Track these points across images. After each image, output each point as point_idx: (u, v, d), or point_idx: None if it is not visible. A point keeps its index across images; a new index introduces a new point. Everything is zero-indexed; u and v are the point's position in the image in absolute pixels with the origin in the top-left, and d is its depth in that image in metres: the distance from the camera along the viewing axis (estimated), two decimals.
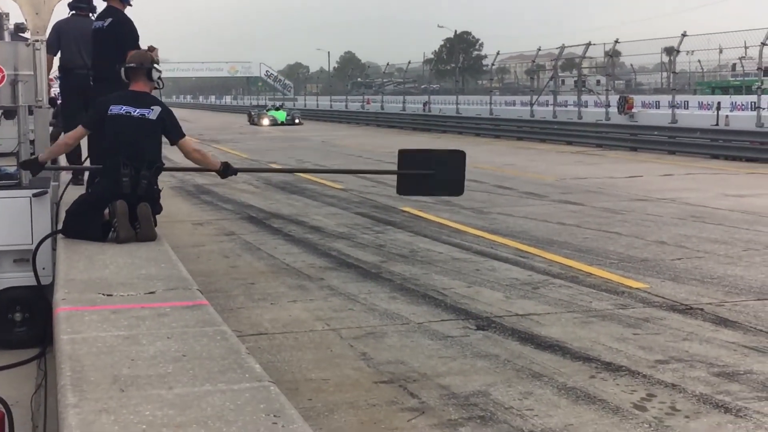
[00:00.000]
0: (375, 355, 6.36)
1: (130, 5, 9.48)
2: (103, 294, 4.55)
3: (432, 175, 6.19)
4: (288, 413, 2.89)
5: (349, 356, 6.37)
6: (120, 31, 9.13)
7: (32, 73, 7.87)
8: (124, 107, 6.49)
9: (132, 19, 9.35)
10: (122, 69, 6.82)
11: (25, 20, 8.93)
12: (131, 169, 6.25)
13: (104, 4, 9.36)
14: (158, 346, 3.63)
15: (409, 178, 6.30)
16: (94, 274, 5.09)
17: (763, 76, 27.39)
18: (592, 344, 6.54)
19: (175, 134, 6.72)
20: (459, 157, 6.51)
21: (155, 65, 6.80)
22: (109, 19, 9.22)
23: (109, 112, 6.47)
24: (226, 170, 6.92)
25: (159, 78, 6.89)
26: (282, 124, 49.42)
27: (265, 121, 49.90)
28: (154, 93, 6.97)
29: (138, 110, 6.49)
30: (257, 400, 2.99)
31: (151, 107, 6.53)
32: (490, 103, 41.00)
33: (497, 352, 6.38)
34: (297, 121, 50.69)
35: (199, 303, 4.39)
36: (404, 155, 6.66)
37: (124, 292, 4.59)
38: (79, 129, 6.89)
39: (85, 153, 8.71)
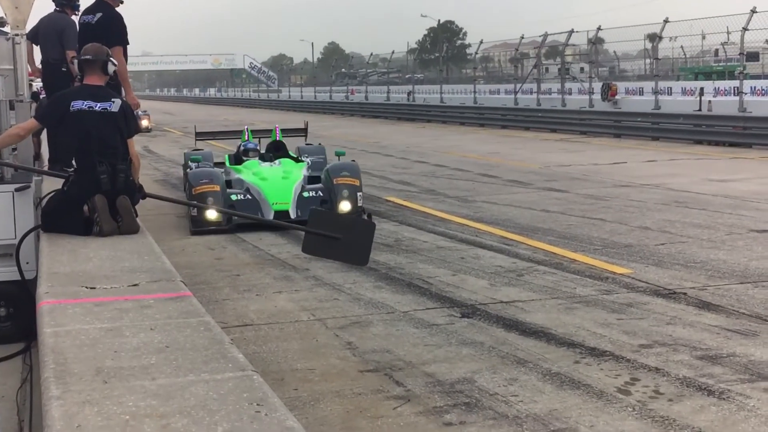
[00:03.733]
0: (360, 344, 6.38)
1: (122, 2, 9.43)
2: (87, 287, 4.55)
3: (339, 239, 6.16)
4: (271, 402, 2.90)
5: (334, 346, 6.38)
6: (110, 27, 9.09)
7: (12, 67, 7.84)
8: (86, 102, 6.44)
9: (123, 16, 9.30)
10: (76, 62, 6.79)
11: (5, 14, 8.90)
12: (107, 165, 6.23)
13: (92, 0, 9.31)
14: (141, 337, 3.63)
15: (316, 238, 6.27)
16: (77, 267, 5.09)
17: (746, 61, 27.48)
18: (576, 330, 6.57)
19: (133, 129, 6.69)
20: (369, 227, 6.49)
21: (110, 59, 6.76)
22: (99, 14, 9.17)
23: (70, 108, 6.41)
24: (139, 191, 6.67)
25: (114, 71, 6.85)
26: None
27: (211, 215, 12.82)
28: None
29: (99, 104, 6.44)
30: (240, 390, 3.00)
31: (112, 100, 6.50)
32: (475, 92, 40.98)
33: (482, 340, 6.40)
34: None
35: (183, 294, 4.39)
36: (315, 213, 6.63)
37: (107, 285, 4.59)
38: (32, 121, 6.89)
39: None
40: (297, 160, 13.70)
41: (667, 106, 27.82)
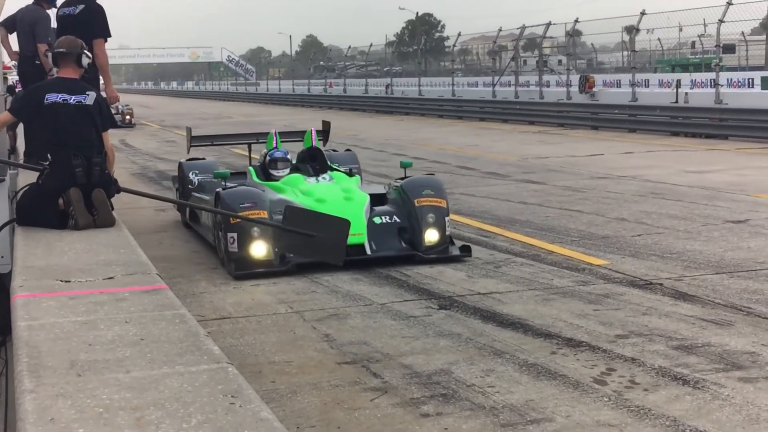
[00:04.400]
0: (338, 337, 6.38)
1: None
2: (61, 280, 4.54)
3: (314, 237, 6.14)
4: (246, 394, 2.90)
5: (312, 338, 6.38)
6: (91, 19, 9.02)
7: None
8: (60, 95, 6.41)
9: (104, 8, 9.23)
10: (50, 54, 6.76)
11: None
12: (82, 159, 6.21)
13: None
14: (116, 330, 3.63)
15: (291, 236, 6.26)
16: (52, 260, 5.07)
17: (722, 53, 27.63)
18: (553, 321, 6.60)
19: (108, 123, 6.67)
20: (344, 225, 6.47)
21: (85, 51, 6.73)
22: (81, 6, 9.10)
23: (45, 101, 6.39)
24: (114, 184, 6.65)
25: (89, 64, 6.82)
26: None
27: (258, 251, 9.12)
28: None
29: (74, 97, 6.42)
30: (215, 382, 3.00)
31: (86, 93, 6.49)
32: (453, 85, 41.02)
33: (459, 331, 6.42)
34: None
35: (159, 287, 4.38)
36: (290, 211, 6.60)
37: (82, 278, 4.57)
38: (6, 114, 6.85)
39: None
40: (350, 173, 10.49)
41: (644, 98, 27.96)
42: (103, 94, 7.85)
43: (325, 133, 12.12)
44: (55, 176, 6.28)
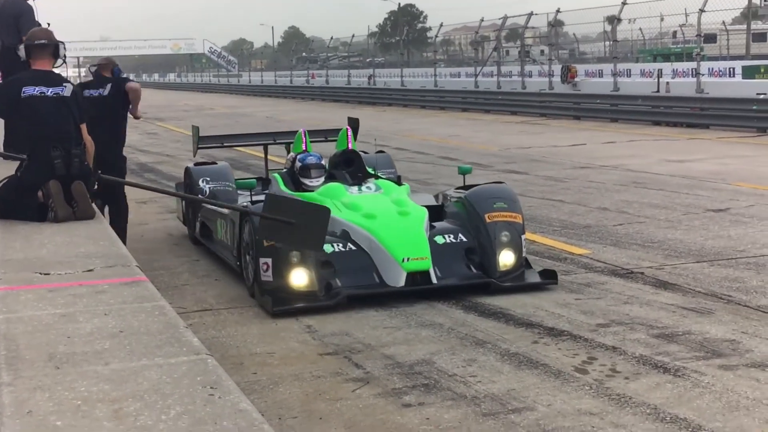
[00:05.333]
0: (320, 328, 6.37)
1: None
2: (40, 273, 4.51)
3: (293, 224, 6.09)
4: (225, 385, 2.89)
5: (294, 329, 6.37)
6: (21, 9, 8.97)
7: None
8: (38, 88, 6.37)
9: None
10: (23, 46, 6.71)
11: None
12: (61, 151, 6.18)
13: None
14: (95, 322, 3.61)
15: (271, 224, 6.22)
16: (30, 253, 5.04)
17: (703, 42, 27.70)
18: (535, 310, 6.61)
19: (84, 115, 6.64)
20: (324, 212, 6.38)
21: (61, 42, 6.70)
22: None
23: (22, 94, 6.36)
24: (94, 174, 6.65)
25: (64, 55, 6.76)
26: None
27: (299, 280, 7.42)
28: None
29: (51, 89, 6.39)
30: (194, 373, 2.99)
31: (63, 85, 6.47)
32: (435, 75, 41.01)
33: (441, 321, 6.42)
34: None
35: (138, 279, 4.37)
36: (271, 199, 6.54)
37: (61, 271, 4.55)
38: None
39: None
40: (398, 182, 8.87)
41: (625, 88, 28.01)
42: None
43: (354, 131, 9.55)
44: (34, 168, 6.25)
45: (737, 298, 6.76)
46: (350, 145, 8.91)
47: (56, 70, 6.74)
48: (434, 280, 7.10)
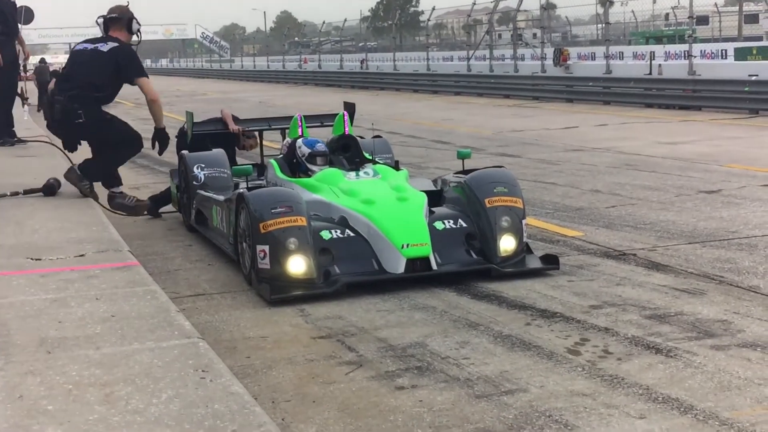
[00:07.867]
0: (313, 312, 6.37)
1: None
2: (32, 258, 4.51)
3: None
4: (216, 368, 2.90)
5: (287, 313, 6.37)
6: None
7: None
8: (86, 45, 7.60)
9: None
10: (102, 19, 7.74)
11: None
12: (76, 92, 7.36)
13: None
14: (87, 307, 3.61)
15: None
16: (22, 239, 5.04)
17: (695, 24, 27.69)
18: (527, 293, 6.62)
19: (131, 71, 7.68)
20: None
21: (135, 18, 7.84)
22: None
23: (75, 48, 7.71)
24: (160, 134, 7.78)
25: (138, 30, 7.90)
26: None
27: (297, 267, 7.25)
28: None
29: (93, 45, 7.45)
30: (186, 357, 3.00)
31: (108, 42, 7.39)
32: (428, 59, 40.94)
33: (434, 304, 6.43)
34: None
35: (130, 264, 4.37)
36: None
37: (53, 256, 4.55)
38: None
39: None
40: (396, 166, 8.96)
41: (618, 71, 28.00)
42: None
43: (350, 116, 9.45)
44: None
45: (729, 278, 6.78)
46: (347, 130, 8.79)
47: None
48: (434, 267, 6.99)
